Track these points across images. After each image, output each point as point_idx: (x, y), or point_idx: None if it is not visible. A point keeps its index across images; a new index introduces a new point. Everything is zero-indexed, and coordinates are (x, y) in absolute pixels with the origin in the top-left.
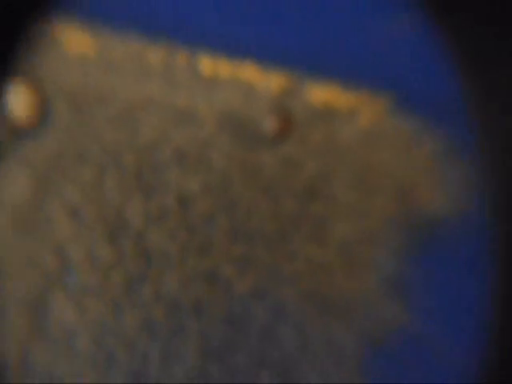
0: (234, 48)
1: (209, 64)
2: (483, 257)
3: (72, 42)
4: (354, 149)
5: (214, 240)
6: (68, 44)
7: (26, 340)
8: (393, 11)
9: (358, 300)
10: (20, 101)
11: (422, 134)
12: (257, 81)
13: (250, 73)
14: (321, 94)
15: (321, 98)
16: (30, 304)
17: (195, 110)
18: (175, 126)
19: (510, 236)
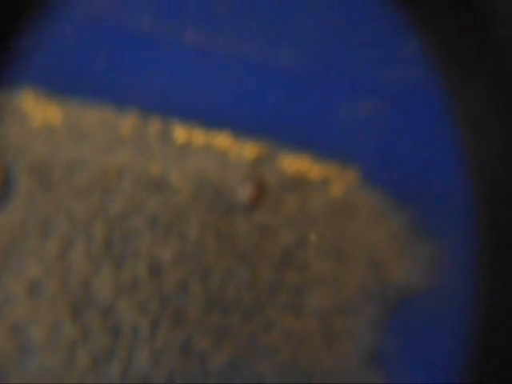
0: (208, 117)
1: (182, 132)
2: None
3: (38, 112)
4: (326, 218)
5: (187, 310)
6: (34, 114)
7: None
8: (360, 93)
9: (335, 371)
10: None
11: (389, 209)
12: (231, 149)
13: (224, 141)
14: (293, 163)
15: (293, 167)
16: None
17: (168, 178)
18: (148, 194)
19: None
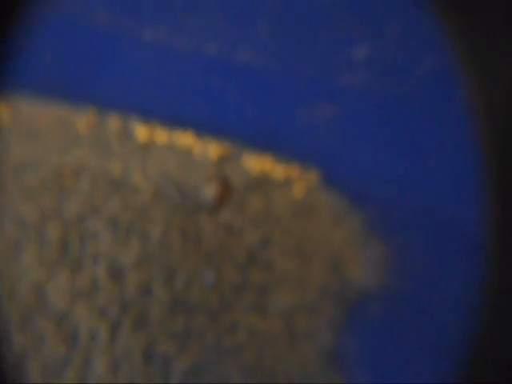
0: (169, 116)
1: (143, 131)
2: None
3: None
4: (289, 218)
5: (150, 314)
6: None
7: None
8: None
9: (298, 371)
10: None
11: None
12: (194, 148)
13: (187, 140)
14: (256, 163)
15: (257, 167)
16: None
17: (129, 178)
18: (107, 194)
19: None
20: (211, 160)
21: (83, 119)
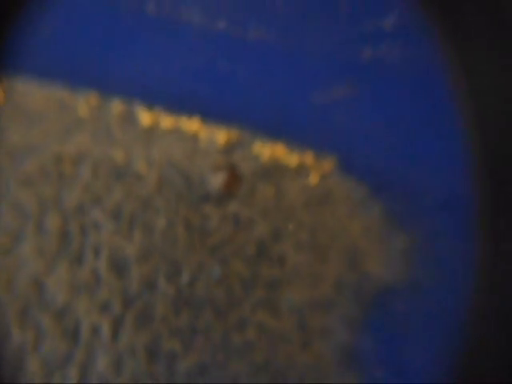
0: (176, 99)
1: (148, 116)
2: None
3: None
4: (302, 208)
5: (154, 309)
6: None
7: None
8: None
9: (311, 370)
10: None
11: (366, 200)
12: (201, 134)
13: (193, 126)
14: (267, 150)
15: (267, 154)
16: None
17: (132, 165)
18: (109, 183)
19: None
20: (218, 147)
21: (84, 103)
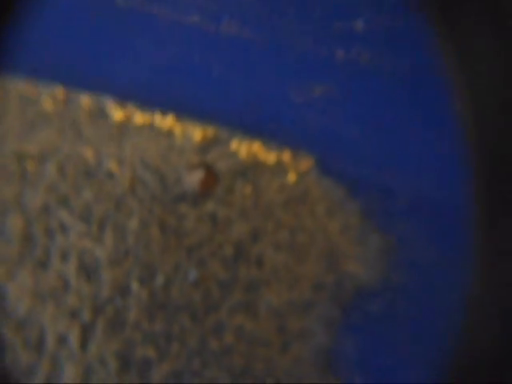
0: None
1: (119, 111)
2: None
3: None
4: (280, 208)
5: (126, 315)
6: None
7: None
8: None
9: (290, 374)
10: None
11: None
12: (177, 132)
13: (169, 123)
14: (244, 148)
15: (244, 153)
16: None
17: (103, 163)
18: (78, 182)
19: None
20: (194, 144)
21: (49, 97)
